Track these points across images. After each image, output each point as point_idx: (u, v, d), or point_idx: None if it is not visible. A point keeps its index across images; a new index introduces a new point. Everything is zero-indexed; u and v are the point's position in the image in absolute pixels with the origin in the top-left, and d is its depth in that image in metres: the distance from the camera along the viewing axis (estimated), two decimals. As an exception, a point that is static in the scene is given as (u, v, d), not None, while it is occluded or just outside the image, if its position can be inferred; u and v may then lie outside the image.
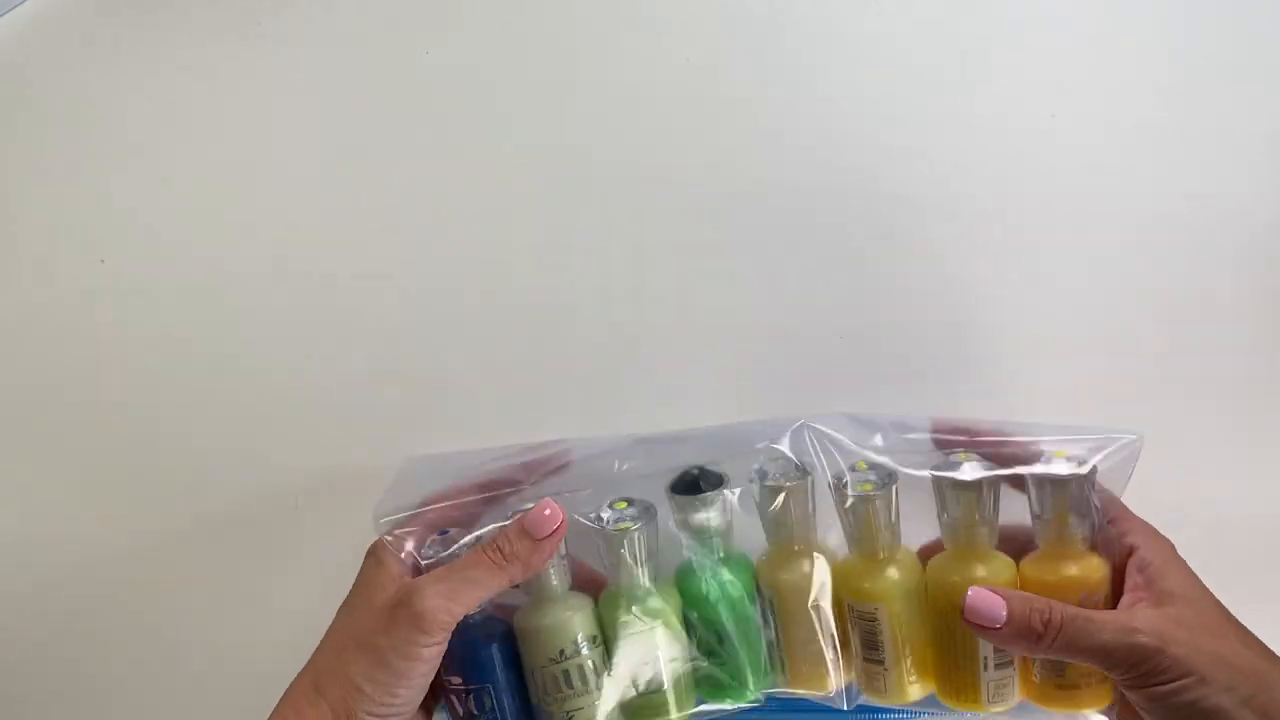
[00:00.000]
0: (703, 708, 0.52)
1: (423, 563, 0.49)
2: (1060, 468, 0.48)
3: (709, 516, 0.51)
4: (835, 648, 0.51)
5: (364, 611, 0.47)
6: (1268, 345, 0.60)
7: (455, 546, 0.49)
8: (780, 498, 0.51)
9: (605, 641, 0.50)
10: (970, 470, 0.48)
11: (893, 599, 0.49)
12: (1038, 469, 0.48)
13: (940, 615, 0.49)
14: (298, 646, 0.48)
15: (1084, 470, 0.47)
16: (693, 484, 0.51)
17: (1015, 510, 0.50)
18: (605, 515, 0.50)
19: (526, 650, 0.50)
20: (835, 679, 0.52)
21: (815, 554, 0.51)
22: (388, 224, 0.60)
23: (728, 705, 0.52)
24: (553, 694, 0.50)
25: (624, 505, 0.51)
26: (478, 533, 0.50)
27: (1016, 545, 0.50)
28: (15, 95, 0.61)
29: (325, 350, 0.61)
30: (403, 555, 0.49)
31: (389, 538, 0.50)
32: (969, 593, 0.45)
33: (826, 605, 0.51)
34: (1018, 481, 0.49)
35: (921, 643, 0.50)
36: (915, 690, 0.51)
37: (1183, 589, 0.46)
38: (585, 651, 0.50)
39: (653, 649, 0.50)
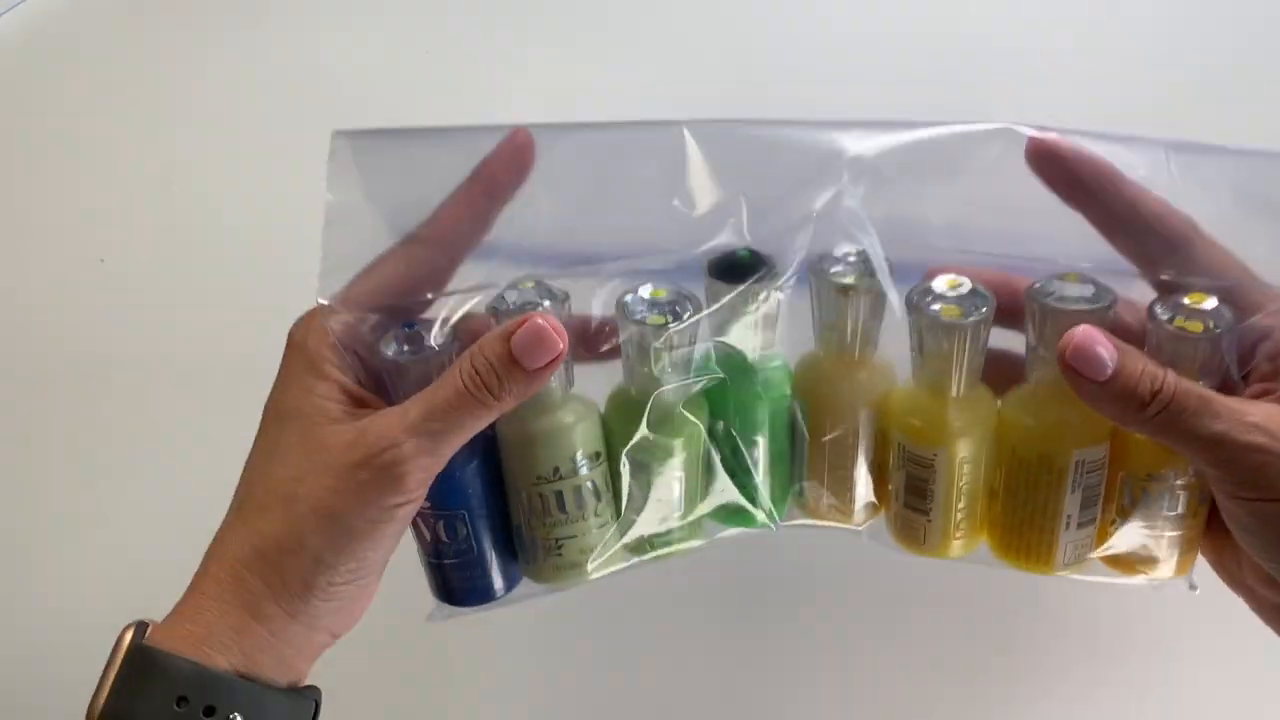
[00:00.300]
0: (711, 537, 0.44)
1: (386, 360, 0.38)
2: (1194, 320, 0.37)
3: (753, 310, 0.40)
4: (869, 479, 0.43)
5: (313, 460, 0.36)
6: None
7: (429, 349, 0.38)
8: (843, 299, 0.40)
9: (610, 459, 0.41)
10: (1078, 294, 0.38)
11: (958, 446, 0.40)
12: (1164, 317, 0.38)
13: (1020, 467, 0.41)
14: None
15: (1221, 330, 0.37)
16: (740, 268, 0.40)
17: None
18: (633, 303, 0.39)
19: (513, 464, 0.40)
20: (861, 513, 0.44)
21: (871, 369, 0.42)
22: None
23: (736, 530, 0.44)
24: (540, 518, 0.40)
25: (661, 293, 0.40)
26: (451, 319, 0.39)
27: None
28: (15, 95, 0.62)
29: None
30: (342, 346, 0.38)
31: (335, 325, 0.38)
32: (1079, 330, 0.36)
33: (869, 428, 0.42)
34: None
35: (979, 493, 0.42)
36: (959, 546, 0.43)
37: None
38: (585, 471, 0.40)
39: (670, 472, 0.41)
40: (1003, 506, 0.42)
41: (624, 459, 0.40)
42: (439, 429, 0.36)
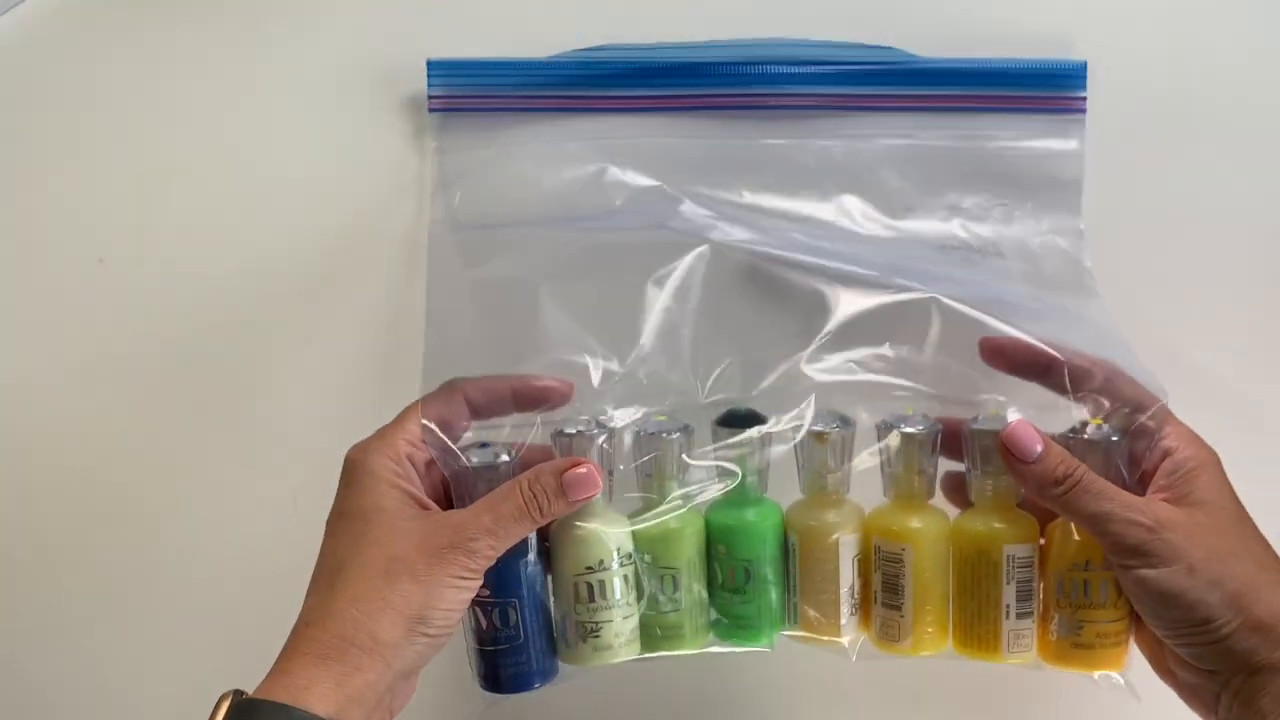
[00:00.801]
0: (713, 649, 0.53)
1: (468, 468, 0.49)
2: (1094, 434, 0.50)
3: (750, 453, 0.52)
4: (854, 597, 0.52)
5: (406, 544, 0.46)
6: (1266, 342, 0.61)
7: (501, 463, 0.50)
8: (819, 445, 0.52)
9: (635, 559, 0.51)
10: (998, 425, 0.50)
11: (921, 540, 0.51)
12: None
13: (965, 563, 0.51)
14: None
15: (1116, 438, 0.49)
16: (740, 419, 0.52)
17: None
18: (644, 423, 0.51)
19: (562, 559, 0.50)
20: (848, 628, 0.52)
21: (845, 505, 0.53)
22: (383, 237, 0.61)
23: (739, 648, 0.53)
24: (585, 604, 0.50)
25: (663, 418, 0.52)
26: (516, 447, 0.50)
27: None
28: (15, 95, 0.61)
29: (328, 347, 0.61)
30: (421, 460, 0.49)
31: (431, 441, 0.49)
32: (1017, 421, 0.48)
33: (849, 550, 0.52)
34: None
35: (941, 594, 0.52)
36: (930, 640, 0.52)
37: (1210, 497, 0.46)
38: (617, 566, 0.50)
39: (678, 573, 0.51)
40: (957, 603, 0.52)
41: (636, 558, 0.51)
42: (502, 531, 0.47)
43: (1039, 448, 0.47)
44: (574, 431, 0.50)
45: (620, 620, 0.50)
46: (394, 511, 0.47)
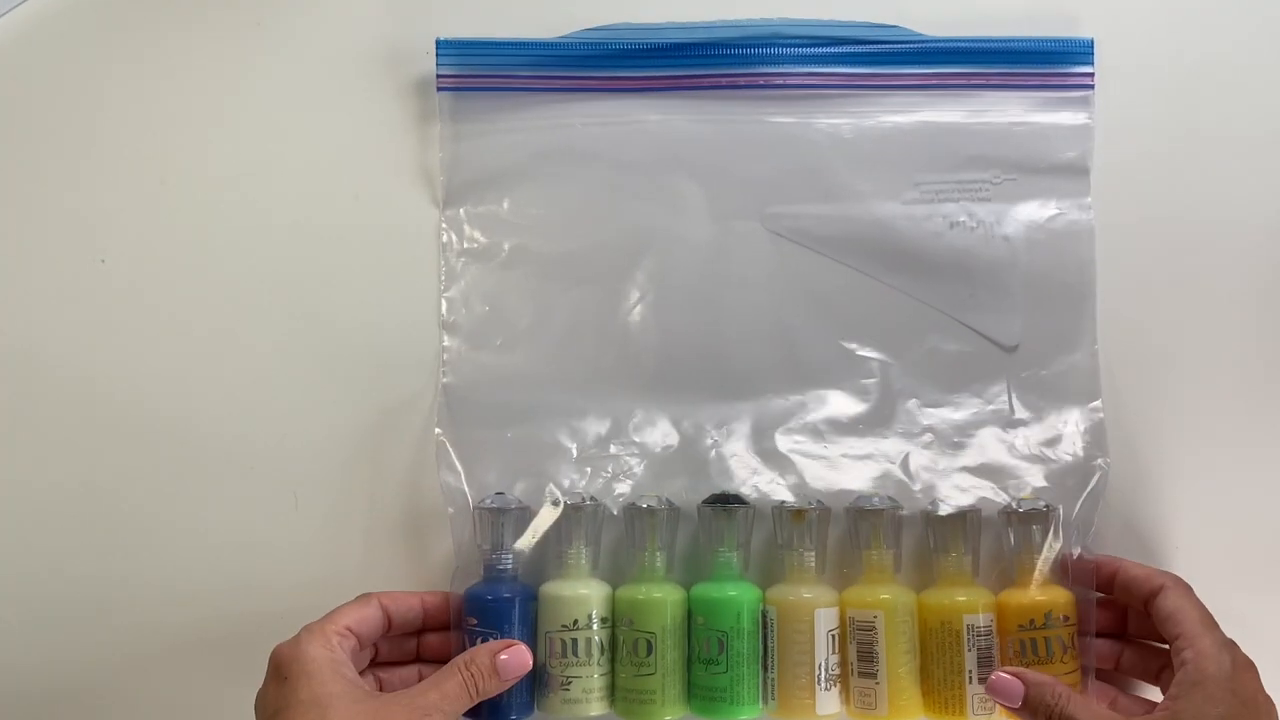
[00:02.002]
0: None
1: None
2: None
3: (730, 530, 0.56)
4: (830, 671, 0.54)
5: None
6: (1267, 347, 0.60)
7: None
8: (796, 523, 0.56)
9: (613, 625, 0.55)
10: (953, 505, 0.56)
11: (891, 609, 0.53)
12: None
13: (930, 634, 0.53)
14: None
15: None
16: (724, 502, 0.56)
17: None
18: (635, 499, 0.56)
19: (544, 614, 0.54)
20: (825, 703, 0.54)
21: (819, 583, 0.55)
22: (389, 223, 0.61)
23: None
24: (558, 658, 0.53)
25: (654, 497, 0.56)
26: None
27: None
28: (15, 95, 0.63)
29: (328, 349, 0.61)
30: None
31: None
32: (995, 676, 0.50)
33: (825, 624, 0.54)
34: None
35: (913, 666, 0.53)
36: (905, 708, 0.53)
37: (1191, 716, 0.48)
38: (595, 628, 0.54)
39: (654, 638, 0.54)
40: (924, 671, 0.53)
41: (621, 622, 0.54)
42: (448, 706, 0.50)
43: (1018, 701, 0.50)
44: (569, 503, 0.56)
45: (591, 678, 0.53)
46: (345, 695, 0.48)
